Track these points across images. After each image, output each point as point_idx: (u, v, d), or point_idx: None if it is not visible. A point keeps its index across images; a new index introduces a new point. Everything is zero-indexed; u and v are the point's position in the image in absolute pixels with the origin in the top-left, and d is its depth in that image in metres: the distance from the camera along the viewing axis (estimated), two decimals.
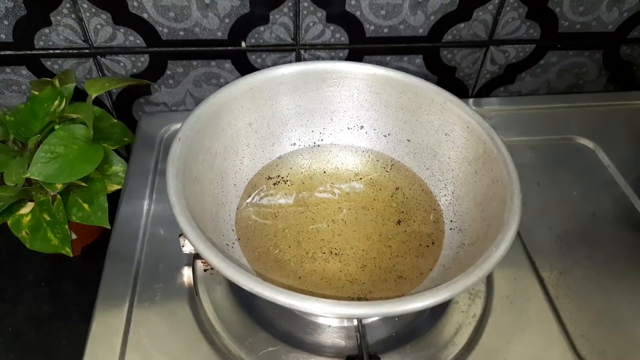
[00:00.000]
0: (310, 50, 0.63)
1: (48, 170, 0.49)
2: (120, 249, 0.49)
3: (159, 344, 0.42)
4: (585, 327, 0.46)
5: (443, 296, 0.32)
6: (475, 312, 0.45)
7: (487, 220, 0.40)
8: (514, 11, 0.61)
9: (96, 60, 0.61)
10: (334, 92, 0.49)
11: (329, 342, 0.43)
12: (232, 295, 0.45)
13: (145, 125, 0.63)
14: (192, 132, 0.41)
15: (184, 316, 0.44)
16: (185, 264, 0.47)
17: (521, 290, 0.48)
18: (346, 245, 0.44)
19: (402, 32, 0.62)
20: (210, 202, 0.42)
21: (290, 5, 0.58)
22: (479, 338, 0.44)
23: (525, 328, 0.45)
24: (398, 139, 0.50)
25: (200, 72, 0.63)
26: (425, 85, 0.46)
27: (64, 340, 0.54)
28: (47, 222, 0.51)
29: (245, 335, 0.42)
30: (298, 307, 0.31)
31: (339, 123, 0.51)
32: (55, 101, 0.54)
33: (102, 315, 0.44)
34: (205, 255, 0.33)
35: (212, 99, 0.44)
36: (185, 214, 0.35)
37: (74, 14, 0.56)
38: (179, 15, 0.57)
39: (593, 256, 0.51)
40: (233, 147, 0.46)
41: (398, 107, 0.49)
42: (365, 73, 0.48)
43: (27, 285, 0.58)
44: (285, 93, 0.48)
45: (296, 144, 0.51)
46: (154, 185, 0.55)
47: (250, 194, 0.47)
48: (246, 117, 0.47)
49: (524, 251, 0.51)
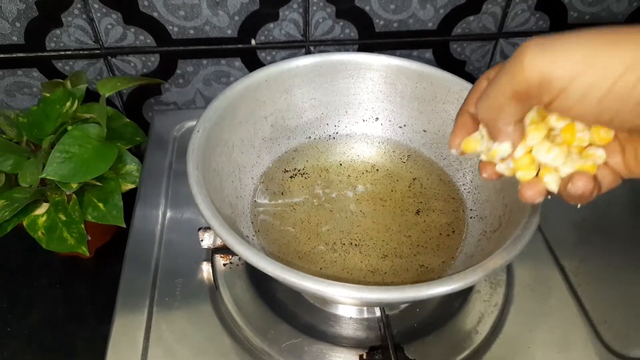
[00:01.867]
0: (320, 46, 0.63)
1: (63, 170, 0.49)
2: (138, 246, 0.49)
3: (181, 338, 0.41)
4: (608, 313, 0.46)
5: (472, 279, 0.32)
6: (497, 300, 0.45)
7: (508, 207, 0.40)
8: (523, 3, 0.61)
9: (107, 60, 0.61)
10: (348, 84, 0.49)
11: (351, 334, 0.43)
12: (252, 289, 0.45)
13: (159, 124, 0.63)
14: (210, 125, 0.41)
15: (205, 310, 0.44)
16: (204, 260, 0.47)
17: (542, 279, 0.48)
18: (365, 236, 0.44)
19: (411, 26, 0.62)
20: (229, 195, 0.42)
21: (299, 2, 0.58)
22: (502, 326, 0.44)
23: (547, 315, 0.45)
24: (414, 130, 0.50)
25: (210, 70, 0.64)
26: (441, 74, 0.46)
27: (80, 342, 0.54)
28: (62, 222, 0.51)
29: (267, 328, 0.42)
30: (325, 292, 0.31)
31: (354, 115, 0.51)
32: (67, 102, 0.54)
33: (124, 311, 0.43)
34: (230, 242, 0.32)
35: (229, 91, 0.44)
36: (207, 203, 0.35)
37: (85, 15, 0.56)
38: (189, 14, 0.58)
39: (612, 243, 0.51)
40: (250, 140, 0.46)
41: (413, 97, 0.49)
42: (380, 64, 0.48)
43: (42, 287, 0.58)
44: (300, 85, 0.48)
45: (311, 137, 0.51)
46: (169, 182, 0.55)
47: (268, 186, 0.47)
48: (262, 110, 0.47)
49: (544, 240, 0.51)
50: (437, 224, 0.45)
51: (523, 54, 0.22)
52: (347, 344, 0.42)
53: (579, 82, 0.21)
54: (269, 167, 0.48)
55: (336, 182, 0.48)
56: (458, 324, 0.44)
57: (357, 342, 0.42)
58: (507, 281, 0.47)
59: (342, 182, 0.48)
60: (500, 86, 0.24)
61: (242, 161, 0.45)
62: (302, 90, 0.49)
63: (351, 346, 0.42)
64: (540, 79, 0.22)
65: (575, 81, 0.21)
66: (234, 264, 0.46)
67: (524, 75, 0.22)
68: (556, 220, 0.53)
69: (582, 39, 0.21)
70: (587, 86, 0.21)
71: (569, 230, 0.52)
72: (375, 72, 0.49)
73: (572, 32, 0.22)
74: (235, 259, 0.47)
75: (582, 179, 0.26)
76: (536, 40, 0.22)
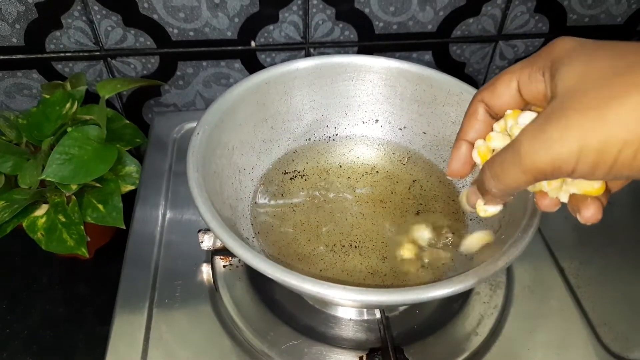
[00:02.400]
0: (319, 48, 0.63)
1: (63, 171, 0.49)
2: (138, 248, 0.49)
3: (181, 340, 0.41)
4: (607, 315, 0.46)
5: (471, 281, 0.32)
6: (497, 302, 0.45)
7: (508, 209, 0.40)
8: (522, 5, 0.62)
9: (106, 62, 0.61)
10: (348, 86, 0.49)
11: (351, 336, 0.43)
12: (252, 291, 0.45)
13: (158, 126, 0.63)
14: (210, 127, 0.41)
15: (204, 312, 0.44)
16: (203, 261, 0.47)
17: (542, 281, 0.48)
18: (365, 237, 0.44)
19: (411, 29, 0.62)
20: (229, 197, 0.42)
21: (299, 4, 0.58)
22: (502, 328, 0.44)
23: (547, 317, 0.45)
24: (414, 132, 0.50)
25: (210, 72, 0.64)
26: (441, 76, 0.46)
27: (79, 343, 0.54)
28: (62, 223, 0.51)
29: (266, 330, 0.42)
30: (325, 295, 0.31)
31: (353, 117, 0.51)
32: (67, 104, 0.54)
33: (124, 312, 0.43)
34: (230, 244, 0.32)
35: (229, 93, 0.44)
36: (207, 205, 0.35)
37: (85, 17, 0.56)
38: (189, 16, 0.58)
39: (612, 245, 0.51)
40: (249, 142, 0.46)
41: (413, 99, 0.49)
42: (380, 66, 0.48)
43: (41, 288, 0.58)
44: (300, 87, 0.48)
45: (311, 139, 0.51)
46: (169, 184, 0.55)
47: (268, 188, 0.47)
48: (262, 112, 0.47)
49: (543, 242, 0.51)
50: (438, 226, 0.45)
51: (522, 147, 0.23)
52: (347, 346, 0.42)
53: (584, 163, 0.22)
54: (269, 169, 0.48)
55: (336, 184, 0.48)
56: (458, 325, 0.44)
57: (357, 344, 0.42)
58: (507, 283, 0.47)
59: (342, 184, 0.48)
60: (513, 176, 0.25)
61: (242, 163, 0.45)
62: (301, 92, 0.49)
63: (351, 348, 0.42)
64: (551, 168, 0.23)
65: (580, 162, 0.22)
66: (234, 265, 0.46)
67: (533, 168, 0.23)
68: (556, 222, 0.53)
69: (571, 121, 0.22)
70: (593, 165, 0.22)
71: (569, 232, 0.52)
72: (375, 75, 0.49)
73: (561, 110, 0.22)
74: (235, 261, 0.47)
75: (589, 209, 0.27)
76: (530, 132, 0.23)
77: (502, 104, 0.29)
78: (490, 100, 0.29)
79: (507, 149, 0.25)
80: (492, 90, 0.29)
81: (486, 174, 0.27)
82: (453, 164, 0.32)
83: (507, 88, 0.28)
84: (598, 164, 0.22)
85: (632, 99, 0.21)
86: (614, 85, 0.21)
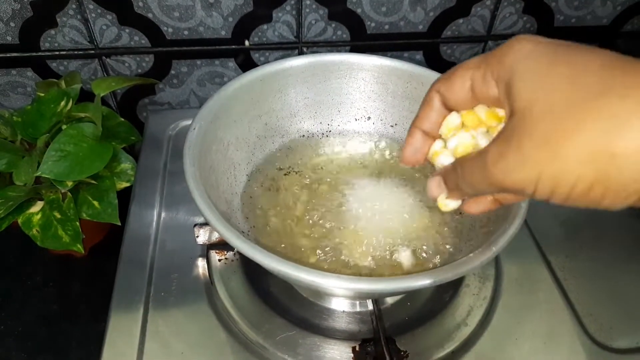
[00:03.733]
0: (312, 48, 0.64)
1: (59, 168, 0.49)
2: (134, 243, 0.49)
3: (177, 332, 0.42)
4: (593, 306, 0.47)
5: (458, 271, 0.33)
6: (485, 294, 0.46)
7: None
8: (511, 6, 0.63)
9: (101, 61, 0.61)
10: (341, 84, 0.50)
11: (344, 327, 0.44)
12: (247, 284, 0.45)
13: (153, 123, 0.64)
14: (206, 123, 0.42)
15: (200, 305, 0.44)
16: (199, 255, 0.48)
17: (529, 273, 0.49)
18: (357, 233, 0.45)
19: (402, 29, 0.63)
20: (224, 191, 0.43)
21: (292, 4, 0.59)
22: (491, 319, 0.45)
23: (534, 308, 0.46)
24: (405, 128, 0.51)
25: (204, 71, 0.64)
26: (432, 74, 0.48)
27: (74, 340, 0.54)
28: (57, 219, 0.51)
29: (261, 322, 0.43)
30: (320, 284, 0.32)
31: (346, 114, 0.52)
32: (61, 102, 0.55)
33: (120, 307, 0.44)
34: (227, 236, 0.33)
35: (224, 90, 0.44)
36: (204, 198, 0.35)
37: (79, 15, 0.57)
38: (184, 15, 0.58)
39: (598, 240, 0.53)
40: (244, 138, 0.47)
41: (404, 97, 0.50)
42: (372, 64, 0.49)
43: (36, 285, 0.58)
44: (294, 85, 0.49)
45: (305, 135, 0.52)
46: (164, 181, 0.56)
47: (263, 183, 0.48)
48: (256, 109, 0.48)
49: (531, 236, 0.52)
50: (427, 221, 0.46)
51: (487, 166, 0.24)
52: (340, 337, 0.43)
53: (542, 190, 0.23)
54: (264, 165, 0.49)
55: (328, 179, 0.49)
56: (448, 316, 0.45)
57: (350, 335, 0.43)
58: (496, 276, 0.48)
59: (335, 180, 0.49)
60: (481, 186, 0.26)
61: (237, 158, 0.46)
62: (295, 89, 0.50)
63: (344, 339, 0.43)
64: (514, 189, 0.24)
65: (538, 189, 0.23)
66: (229, 259, 0.47)
67: (498, 184, 0.24)
68: (543, 216, 0.54)
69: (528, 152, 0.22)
70: (550, 193, 0.23)
71: (556, 226, 0.54)
72: (367, 72, 0.50)
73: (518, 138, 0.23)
74: (230, 255, 0.48)
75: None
76: (493, 155, 0.24)
77: (456, 99, 0.29)
78: (445, 93, 0.29)
79: (473, 163, 0.26)
80: (449, 84, 0.29)
81: (457, 172, 0.28)
82: (407, 151, 0.32)
83: (462, 85, 0.28)
84: (555, 192, 0.22)
85: (585, 134, 0.21)
86: (568, 117, 0.21)
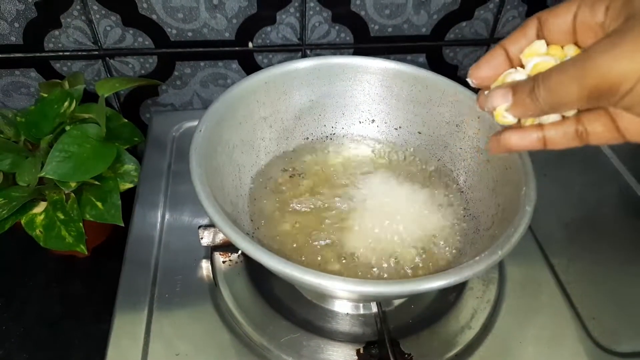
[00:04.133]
0: (315, 50, 0.64)
1: (62, 169, 0.49)
2: (138, 244, 0.49)
3: (182, 333, 0.42)
4: (596, 309, 0.47)
5: (463, 275, 0.33)
6: (489, 297, 0.46)
7: (501, 205, 0.41)
8: (514, 10, 0.63)
9: (105, 62, 0.61)
10: (345, 87, 0.51)
11: (348, 329, 0.44)
12: (251, 286, 0.45)
13: (157, 125, 0.64)
14: (211, 125, 0.42)
15: (204, 306, 0.44)
16: (203, 257, 0.48)
17: (533, 277, 0.49)
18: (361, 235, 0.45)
19: (405, 31, 0.64)
20: (229, 193, 0.43)
21: (296, 6, 0.59)
22: (494, 322, 0.45)
23: (538, 312, 0.46)
24: (409, 132, 0.51)
25: (207, 72, 0.64)
26: (436, 77, 0.48)
27: (76, 340, 0.54)
28: (61, 220, 0.51)
29: (266, 324, 0.43)
30: (326, 286, 0.32)
31: (350, 117, 0.52)
32: (65, 102, 0.54)
33: (125, 307, 0.44)
34: (233, 237, 0.33)
35: (229, 93, 0.44)
36: (210, 199, 0.35)
37: (84, 16, 0.57)
38: (188, 16, 0.58)
39: (600, 242, 0.53)
40: (249, 141, 0.47)
41: (409, 100, 0.50)
42: (377, 67, 0.49)
43: (38, 285, 0.58)
44: (299, 87, 0.49)
45: (309, 138, 0.52)
46: (169, 182, 0.56)
47: (267, 186, 0.48)
48: (261, 111, 0.48)
49: (534, 239, 0.52)
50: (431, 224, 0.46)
51: (590, 59, 0.23)
52: (345, 339, 0.43)
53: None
54: (268, 167, 0.49)
55: (333, 182, 0.49)
56: (452, 319, 0.45)
57: (354, 337, 0.43)
58: (499, 279, 0.48)
59: (339, 182, 0.49)
60: (569, 89, 0.25)
61: (242, 161, 0.46)
62: (300, 92, 0.50)
63: (348, 341, 0.43)
64: (609, 85, 0.23)
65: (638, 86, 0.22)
66: (233, 261, 0.47)
67: (595, 80, 0.23)
68: (546, 219, 0.54)
69: None
70: None
71: (559, 229, 0.54)
72: (372, 75, 0.50)
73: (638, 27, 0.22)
74: (235, 257, 0.48)
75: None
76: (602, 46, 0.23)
77: (553, 29, 0.29)
78: (546, 20, 0.29)
79: (570, 62, 0.25)
80: (553, 12, 0.29)
81: (537, 82, 0.27)
82: (482, 62, 0.31)
83: (566, 13, 0.28)
84: None
85: None
86: None
